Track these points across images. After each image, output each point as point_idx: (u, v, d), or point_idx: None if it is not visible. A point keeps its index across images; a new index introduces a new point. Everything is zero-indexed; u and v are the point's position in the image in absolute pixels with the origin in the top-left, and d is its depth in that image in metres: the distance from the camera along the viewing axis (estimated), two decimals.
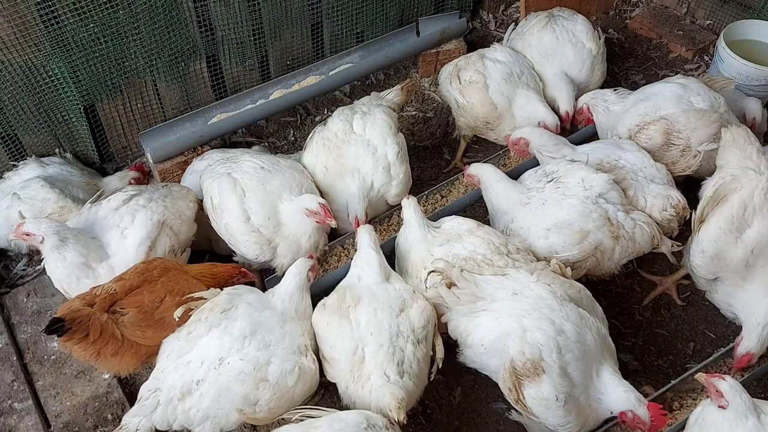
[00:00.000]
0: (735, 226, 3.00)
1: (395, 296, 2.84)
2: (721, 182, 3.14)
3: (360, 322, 2.74)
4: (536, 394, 2.53)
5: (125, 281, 2.86)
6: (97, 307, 2.77)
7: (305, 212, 3.14)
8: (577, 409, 2.59)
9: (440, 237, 3.09)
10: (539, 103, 3.92)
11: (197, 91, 4.15)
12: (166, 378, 2.65)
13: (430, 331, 2.81)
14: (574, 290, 2.79)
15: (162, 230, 3.17)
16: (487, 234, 3.04)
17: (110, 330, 2.76)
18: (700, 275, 3.20)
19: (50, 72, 3.58)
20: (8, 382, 3.24)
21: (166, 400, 2.61)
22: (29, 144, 3.86)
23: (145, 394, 2.65)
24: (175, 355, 2.70)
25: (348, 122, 3.53)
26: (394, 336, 2.69)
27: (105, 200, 3.26)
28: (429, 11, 4.69)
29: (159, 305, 2.84)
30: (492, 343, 2.71)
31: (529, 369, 2.53)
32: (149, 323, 2.82)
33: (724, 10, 4.85)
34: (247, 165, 3.31)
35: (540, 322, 2.61)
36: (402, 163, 3.47)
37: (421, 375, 2.72)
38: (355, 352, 2.69)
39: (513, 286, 2.76)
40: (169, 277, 2.92)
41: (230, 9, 3.85)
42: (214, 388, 2.61)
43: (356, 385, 2.66)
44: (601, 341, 2.68)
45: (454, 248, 3.00)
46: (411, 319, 2.76)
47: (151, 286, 2.87)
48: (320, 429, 2.38)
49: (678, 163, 3.49)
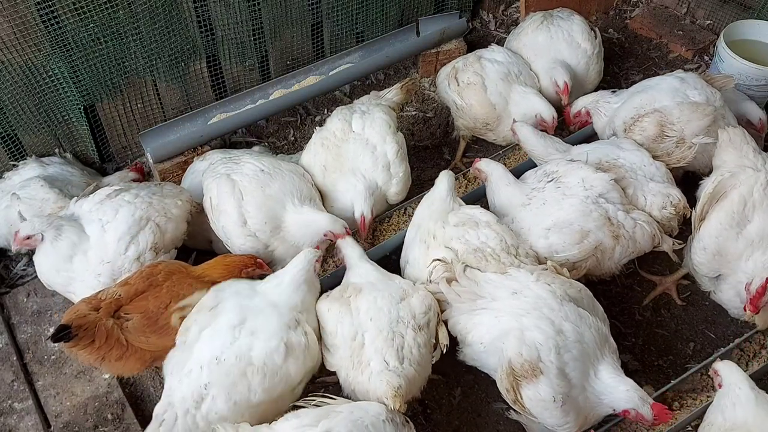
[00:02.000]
0: (736, 222, 3.01)
1: (396, 287, 2.86)
2: (720, 178, 3.14)
3: (360, 308, 2.76)
4: (534, 395, 2.53)
5: (130, 286, 2.85)
6: (103, 312, 2.75)
7: (325, 234, 3.18)
8: (575, 410, 2.59)
9: (459, 216, 3.09)
10: (535, 96, 3.89)
11: (197, 91, 4.15)
12: (174, 394, 2.61)
13: (432, 319, 2.81)
14: (574, 290, 2.78)
15: (145, 227, 3.15)
16: (503, 231, 3.05)
17: (115, 335, 2.75)
18: (702, 273, 3.19)
19: (50, 72, 3.58)
20: (8, 382, 3.24)
21: (183, 411, 2.56)
22: (29, 144, 3.86)
23: (160, 413, 2.58)
24: (177, 369, 2.67)
25: (347, 122, 3.52)
26: (394, 322, 2.70)
27: (91, 195, 3.27)
28: (429, 11, 4.69)
29: (164, 311, 2.83)
30: (491, 342, 2.71)
31: (526, 370, 2.53)
32: (153, 329, 2.81)
33: (724, 10, 4.85)
34: (248, 167, 3.30)
35: (539, 322, 2.61)
36: (401, 162, 3.48)
37: (423, 362, 2.71)
38: (355, 338, 2.69)
39: (513, 285, 2.76)
40: (173, 281, 2.91)
41: (230, 9, 3.85)
42: (223, 387, 2.58)
43: (356, 371, 2.65)
44: (602, 340, 2.68)
45: (468, 234, 3.00)
46: (412, 305, 2.77)
47: (156, 291, 2.86)
48: (341, 415, 2.39)
49: (673, 154, 3.48)
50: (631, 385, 2.58)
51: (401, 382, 2.53)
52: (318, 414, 2.41)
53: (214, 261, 3.12)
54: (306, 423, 2.38)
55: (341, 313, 2.78)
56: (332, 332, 2.78)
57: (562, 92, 3.97)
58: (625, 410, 2.58)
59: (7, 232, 3.53)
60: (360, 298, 2.80)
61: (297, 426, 2.38)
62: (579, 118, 3.94)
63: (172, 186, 3.50)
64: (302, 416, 2.42)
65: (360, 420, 2.38)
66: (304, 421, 2.39)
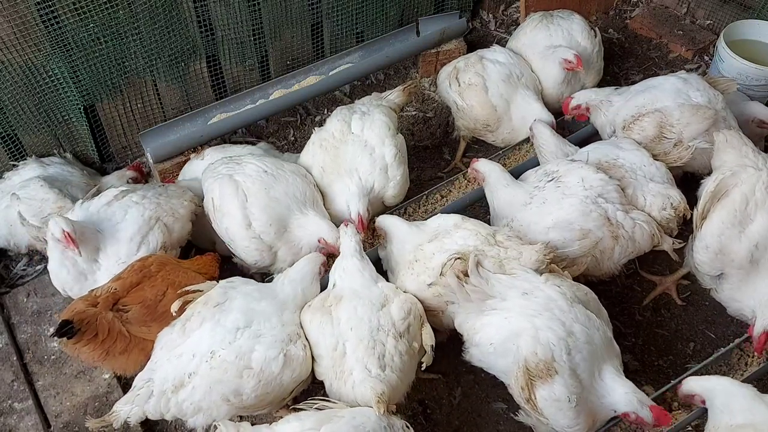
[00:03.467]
0: (738, 220, 3.01)
1: (377, 293, 2.85)
2: (722, 177, 3.13)
3: (341, 318, 2.75)
4: (548, 395, 2.53)
5: (124, 279, 2.87)
6: (101, 307, 2.77)
7: (319, 240, 3.19)
8: (586, 411, 2.59)
9: (426, 232, 3.07)
10: (536, 102, 3.89)
11: (197, 91, 4.15)
12: (159, 369, 2.66)
13: (413, 324, 2.80)
14: (581, 292, 2.78)
15: (154, 227, 3.17)
16: (474, 226, 3.03)
17: (117, 328, 2.77)
18: (704, 272, 3.19)
19: (50, 72, 3.58)
20: (8, 382, 3.24)
21: (160, 391, 2.62)
22: (29, 144, 3.86)
23: (139, 384, 2.66)
24: (169, 347, 2.70)
25: (346, 122, 3.51)
26: (375, 330, 2.69)
27: (96, 197, 3.27)
28: (429, 11, 4.69)
29: (162, 298, 2.86)
30: (501, 343, 2.69)
31: (541, 370, 2.52)
32: (153, 317, 2.83)
33: (724, 10, 4.85)
34: (250, 168, 3.29)
35: (551, 323, 2.60)
36: (400, 165, 3.44)
37: (406, 368, 2.71)
38: (336, 348, 2.69)
39: (523, 286, 2.74)
40: (167, 270, 2.94)
41: (230, 9, 3.85)
42: (205, 381, 2.61)
43: (339, 381, 2.66)
44: (606, 343, 2.68)
45: (445, 243, 2.98)
46: (391, 312, 2.77)
47: (152, 281, 2.89)
48: (343, 420, 2.39)
49: (670, 154, 3.48)
50: (630, 388, 2.57)
51: (384, 388, 2.53)
52: (320, 418, 2.41)
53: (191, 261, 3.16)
54: (308, 426, 2.37)
55: (322, 323, 2.77)
56: (316, 343, 2.78)
57: (576, 65, 3.91)
58: (625, 413, 2.58)
59: (7, 233, 3.53)
60: (340, 307, 2.79)
61: (299, 429, 2.38)
62: (577, 111, 3.88)
63: (176, 186, 3.52)
64: (304, 419, 2.42)
65: (362, 426, 2.38)
66: (306, 424, 2.39)
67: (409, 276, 3.00)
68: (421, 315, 2.86)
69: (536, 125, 3.69)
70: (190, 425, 2.72)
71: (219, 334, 2.66)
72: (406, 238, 3.09)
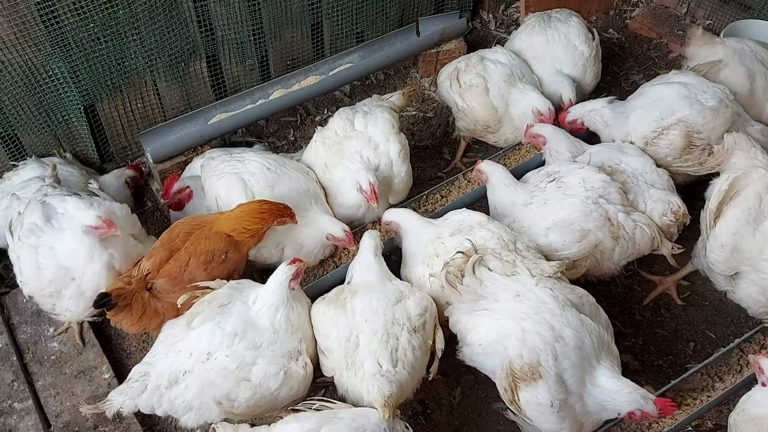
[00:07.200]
0: (752, 218, 3.01)
1: (392, 289, 2.86)
2: (734, 176, 3.12)
3: (355, 310, 2.76)
4: (531, 399, 2.53)
5: (155, 257, 2.93)
6: (137, 286, 2.86)
7: (326, 237, 3.21)
8: (571, 417, 2.58)
9: (449, 228, 3.08)
10: (533, 92, 3.86)
11: (197, 91, 4.15)
12: (156, 363, 2.68)
13: (428, 321, 2.81)
14: (575, 295, 2.76)
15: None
16: (497, 228, 3.03)
17: (153, 306, 2.87)
18: (719, 271, 3.18)
19: (50, 72, 3.58)
20: (8, 382, 3.24)
21: (154, 386, 2.64)
22: (29, 144, 3.86)
23: (135, 376, 2.68)
24: (169, 341, 2.73)
25: (349, 121, 3.50)
26: (389, 323, 2.70)
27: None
28: (429, 11, 4.69)
29: (186, 268, 2.90)
30: (490, 344, 2.70)
31: (526, 373, 2.53)
32: (181, 286, 2.89)
33: (724, 10, 4.85)
34: (253, 165, 3.29)
35: (539, 327, 2.60)
36: (404, 162, 3.46)
37: (417, 365, 2.71)
38: (349, 339, 2.70)
39: (517, 288, 2.74)
40: (191, 241, 2.96)
41: (230, 9, 3.85)
42: (199, 381, 2.62)
43: (349, 372, 2.65)
44: (602, 346, 2.66)
45: (465, 241, 2.97)
46: (407, 307, 2.78)
47: (177, 255, 2.94)
48: (342, 421, 2.39)
49: (706, 162, 3.44)
50: (632, 388, 2.57)
51: (392, 390, 2.52)
52: (319, 419, 2.41)
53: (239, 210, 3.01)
54: (308, 428, 2.37)
55: (336, 315, 2.77)
56: (326, 334, 2.77)
57: (565, 107, 3.90)
58: (630, 412, 2.58)
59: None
60: (356, 299, 2.80)
61: (298, 430, 2.38)
62: (574, 125, 3.84)
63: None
64: (303, 420, 2.41)
65: (362, 428, 2.38)
66: (306, 425, 2.38)
67: (424, 269, 3.02)
68: (436, 315, 2.87)
69: (540, 129, 3.65)
70: (182, 423, 2.74)
71: (218, 336, 2.66)
72: (422, 230, 3.11)
